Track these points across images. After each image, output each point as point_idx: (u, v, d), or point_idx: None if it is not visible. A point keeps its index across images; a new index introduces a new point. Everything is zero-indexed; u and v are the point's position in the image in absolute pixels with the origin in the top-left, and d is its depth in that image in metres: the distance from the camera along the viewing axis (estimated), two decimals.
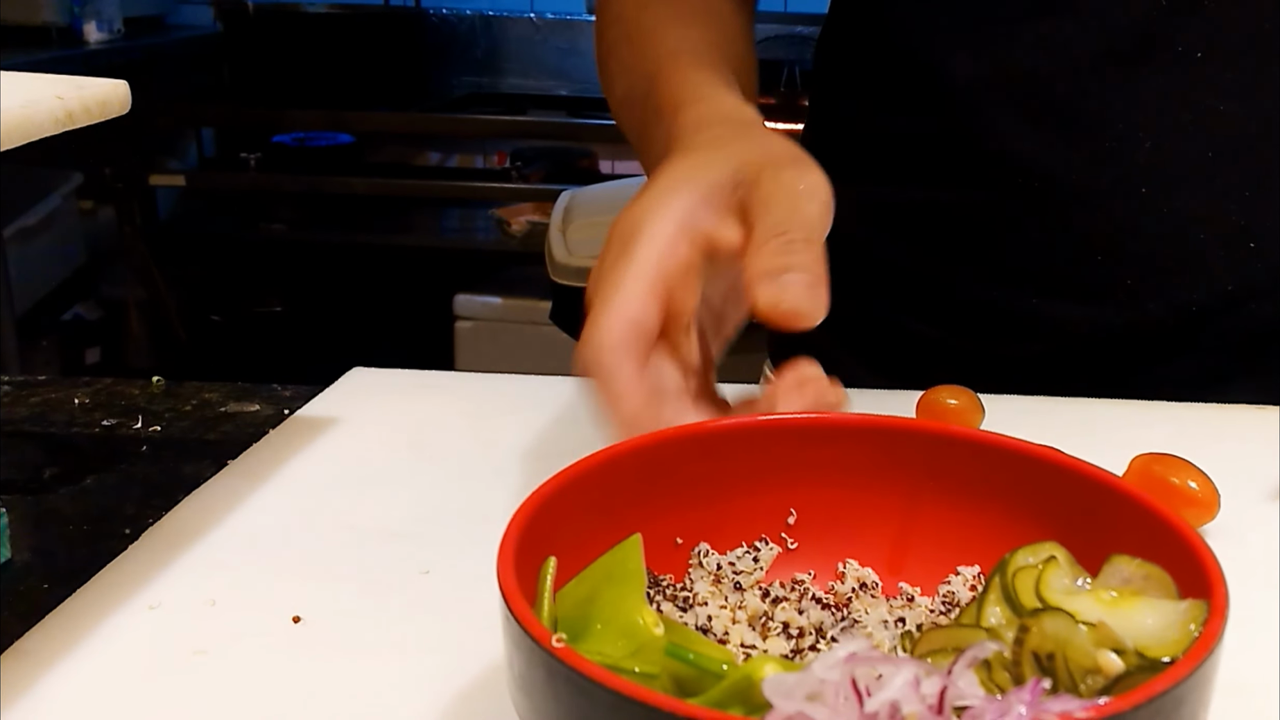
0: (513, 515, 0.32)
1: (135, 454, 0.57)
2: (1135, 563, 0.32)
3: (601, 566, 0.33)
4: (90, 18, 2.42)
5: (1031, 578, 0.32)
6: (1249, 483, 0.52)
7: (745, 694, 0.26)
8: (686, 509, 0.39)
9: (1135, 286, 0.57)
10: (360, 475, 0.53)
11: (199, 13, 2.85)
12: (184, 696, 0.37)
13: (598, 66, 0.73)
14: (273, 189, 2.61)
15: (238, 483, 0.52)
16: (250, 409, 0.62)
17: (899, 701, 0.25)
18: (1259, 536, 0.47)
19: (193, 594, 0.43)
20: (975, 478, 0.38)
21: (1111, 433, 0.57)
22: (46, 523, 0.50)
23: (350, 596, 0.43)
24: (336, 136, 2.65)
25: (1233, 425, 0.58)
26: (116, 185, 2.48)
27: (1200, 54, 0.61)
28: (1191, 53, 0.61)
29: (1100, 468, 0.36)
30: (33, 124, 0.40)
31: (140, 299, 2.57)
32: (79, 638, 0.40)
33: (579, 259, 1.62)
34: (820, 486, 0.39)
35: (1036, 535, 0.34)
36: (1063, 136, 0.64)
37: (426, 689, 0.37)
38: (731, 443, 0.39)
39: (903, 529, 0.39)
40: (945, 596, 0.38)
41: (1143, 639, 0.29)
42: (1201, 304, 0.61)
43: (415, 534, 0.47)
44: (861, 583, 0.39)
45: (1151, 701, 0.25)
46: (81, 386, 0.65)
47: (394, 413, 0.59)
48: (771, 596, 0.38)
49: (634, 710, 0.25)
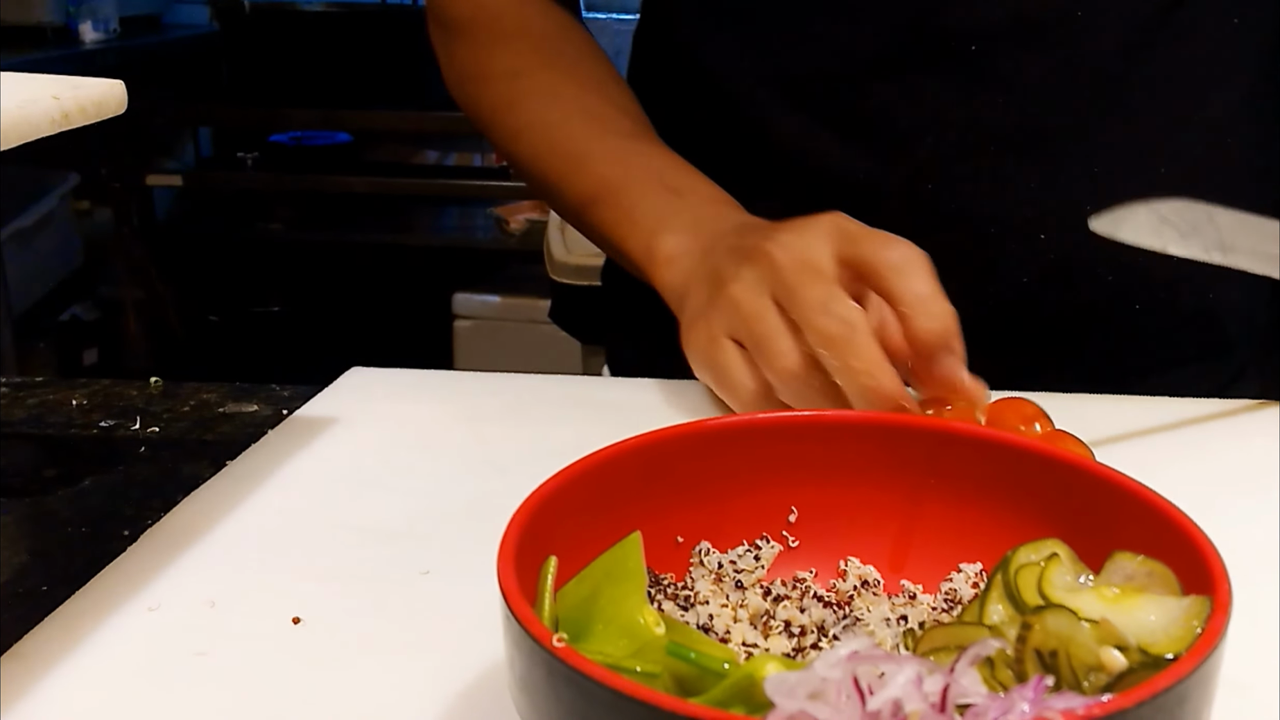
0: (513, 515, 0.32)
1: (134, 455, 0.56)
2: (1138, 559, 0.32)
3: (601, 565, 0.33)
4: (86, 17, 2.42)
5: (1034, 575, 0.32)
6: (1250, 480, 0.52)
7: (747, 693, 0.26)
8: (687, 507, 0.39)
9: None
10: (360, 475, 0.53)
11: (195, 12, 2.85)
12: (184, 697, 0.37)
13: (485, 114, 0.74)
14: (270, 188, 2.61)
15: (237, 483, 0.52)
16: (249, 409, 0.62)
17: (901, 700, 0.25)
18: (1262, 533, 0.47)
19: (192, 595, 0.43)
20: (977, 475, 0.38)
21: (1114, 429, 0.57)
22: (45, 524, 0.50)
23: (350, 597, 0.43)
24: (334, 135, 2.65)
25: (1233, 424, 0.58)
26: (113, 185, 2.48)
27: (973, 47, 0.61)
28: (964, 48, 0.62)
29: (1103, 464, 0.36)
30: (29, 124, 0.40)
31: (138, 299, 2.56)
32: (79, 639, 0.40)
33: (578, 257, 1.62)
34: (821, 484, 0.39)
35: (1039, 532, 0.34)
36: (849, 138, 0.65)
37: (426, 689, 0.37)
38: (732, 441, 0.39)
39: (904, 526, 0.39)
40: (947, 594, 0.38)
41: (1145, 636, 0.29)
42: (999, 298, 0.61)
43: (415, 534, 0.47)
44: (863, 580, 0.39)
45: (1155, 698, 0.25)
46: (79, 387, 0.65)
47: (394, 413, 0.59)
48: (773, 595, 0.38)
49: (635, 710, 0.25)
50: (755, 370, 0.54)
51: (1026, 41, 0.61)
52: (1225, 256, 0.56)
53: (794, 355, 0.53)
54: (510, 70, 0.72)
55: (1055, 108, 0.62)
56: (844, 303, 0.52)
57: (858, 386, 0.51)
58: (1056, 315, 0.65)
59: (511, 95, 0.71)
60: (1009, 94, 0.62)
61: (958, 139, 0.63)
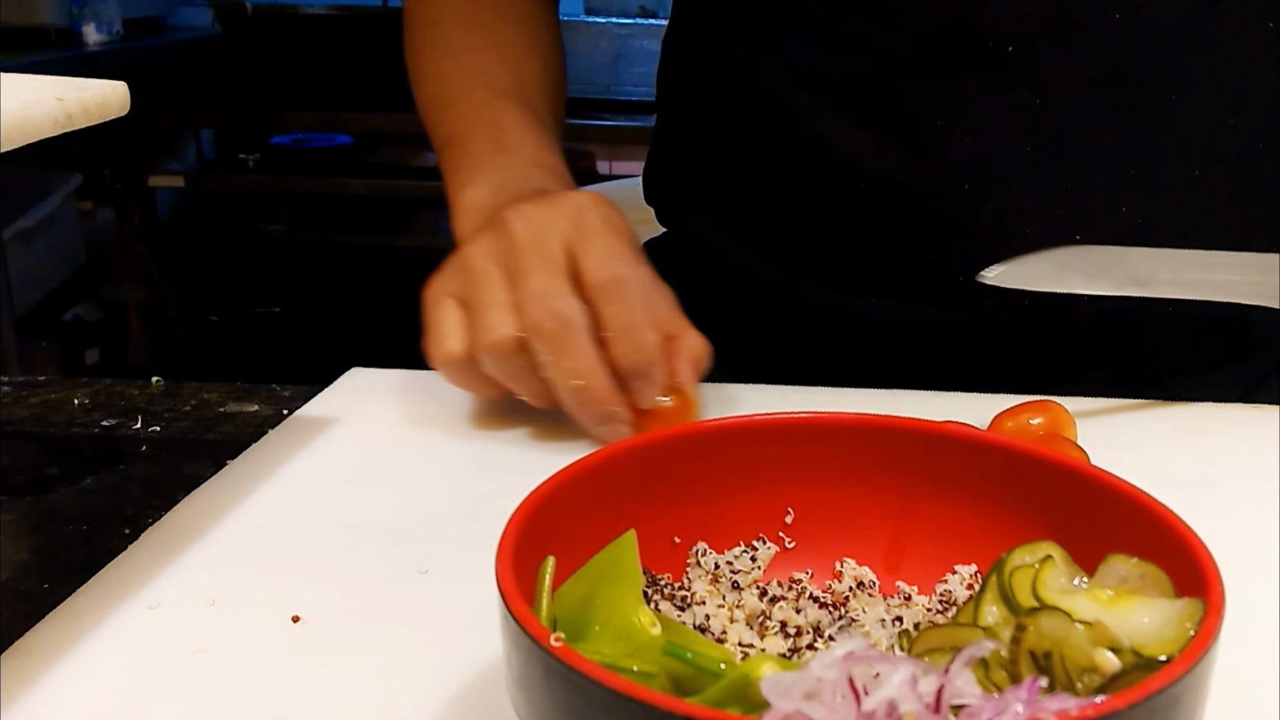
0: (511, 515, 0.33)
1: (135, 454, 0.57)
2: (1132, 562, 0.32)
3: (597, 565, 0.33)
4: (89, 19, 2.42)
5: (1028, 577, 0.32)
6: (1247, 482, 0.52)
7: (743, 693, 0.26)
8: (684, 508, 0.39)
9: (969, 284, 0.58)
10: (360, 475, 0.53)
11: (198, 14, 2.85)
12: (184, 696, 0.37)
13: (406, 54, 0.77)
14: (271, 190, 2.61)
15: (237, 483, 0.52)
16: (250, 409, 0.62)
17: (896, 700, 0.25)
18: (1256, 534, 0.47)
19: (193, 594, 0.43)
20: (972, 477, 0.38)
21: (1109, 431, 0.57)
22: (47, 522, 0.50)
23: (350, 596, 0.43)
24: (335, 138, 2.65)
25: (1232, 425, 0.59)
26: (116, 186, 2.48)
27: (1010, 48, 0.61)
28: (1001, 48, 0.61)
29: (1098, 467, 0.36)
30: (32, 125, 0.40)
31: (139, 300, 2.56)
32: (79, 637, 0.40)
33: None
34: (817, 485, 0.40)
35: (1033, 534, 0.34)
36: (884, 137, 0.65)
37: (425, 688, 0.37)
38: (729, 442, 0.39)
39: (900, 528, 0.39)
40: (942, 595, 0.38)
41: (1139, 637, 0.29)
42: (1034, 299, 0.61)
43: (414, 534, 0.47)
44: (859, 581, 0.39)
45: (1148, 700, 0.25)
46: (81, 387, 0.65)
47: (393, 413, 0.59)
48: (769, 595, 0.38)
49: (632, 709, 0.25)
50: (467, 336, 0.55)
51: (1063, 42, 0.61)
52: (1143, 288, 0.56)
53: (503, 331, 0.53)
54: (431, 19, 0.75)
55: (1091, 109, 0.62)
56: (564, 299, 0.53)
57: (565, 386, 0.53)
58: (1087, 318, 0.65)
59: (424, 42, 0.74)
60: (1045, 95, 0.62)
61: (993, 139, 0.63)
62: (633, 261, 0.55)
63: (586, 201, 0.56)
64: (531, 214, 0.55)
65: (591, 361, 0.53)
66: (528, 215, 0.55)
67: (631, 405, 0.54)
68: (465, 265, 0.56)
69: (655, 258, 0.81)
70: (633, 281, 0.54)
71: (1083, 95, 0.61)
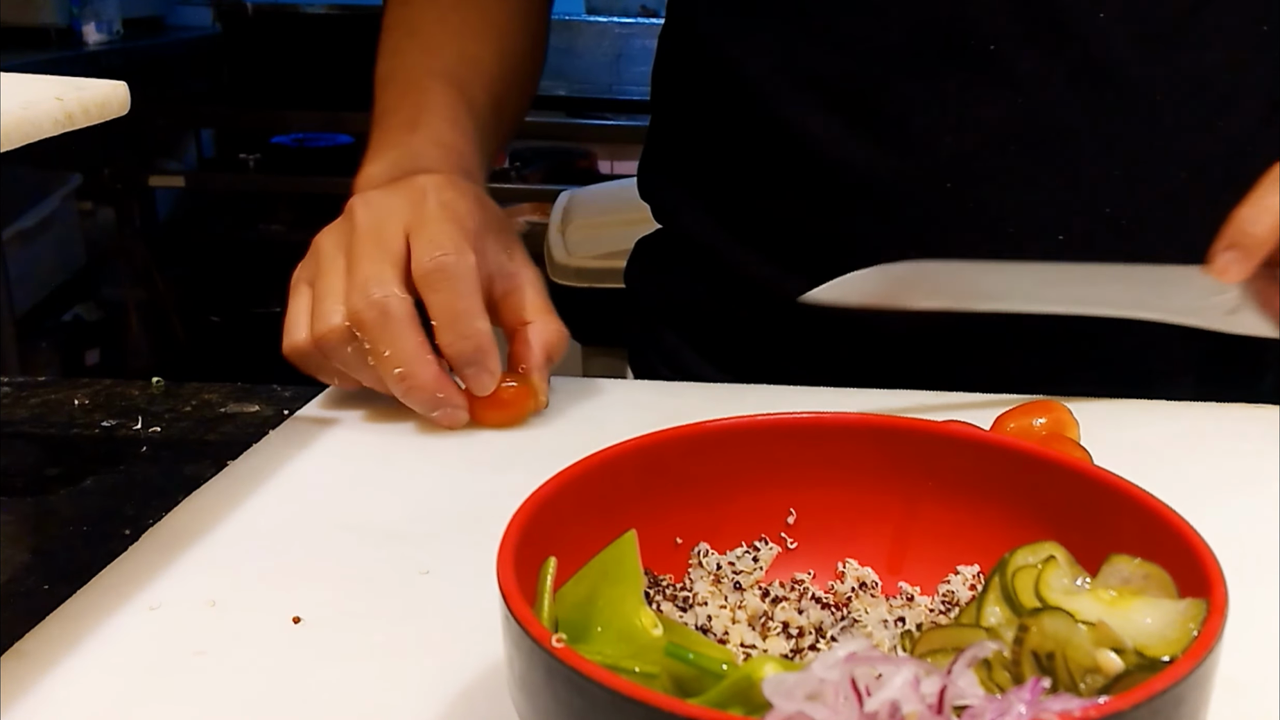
0: (512, 516, 0.32)
1: (135, 455, 0.57)
2: (1135, 562, 0.32)
3: (598, 566, 0.33)
4: (89, 19, 2.42)
5: (1031, 577, 0.32)
6: (1249, 482, 0.52)
7: (745, 694, 0.26)
8: (686, 509, 0.39)
9: None
10: (360, 475, 0.53)
11: (198, 14, 2.85)
12: (184, 698, 0.37)
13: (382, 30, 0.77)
14: (272, 190, 2.61)
15: (238, 483, 0.52)
16: (250, 409, 0.62)
17: (899, 701, 0.25)
18: (1258, 535, 0.47)
19: (193, 594, 0.43)
20: (975, 477, 0.38)
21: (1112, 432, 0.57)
22: (47, 523, 0.50)
23: (350, 597, 0.43)
24: (335, 137, 2.65)
25: (1233, 425, 0.59)
26: (116, 186, 2.48)
27: (993, 47, 0.61)
28: (984, 48, 0.62)
29: (1100, 467, 0.36)
30: (32, 125, 0.40)
31: (140, 300, 2.57)
32: (79, 638, 0.40)
33: (578, 259, 1.62)
34: (820, 486, 0.39)
35: (1036, 535, 0.34)
36: (869, 135, 0.65)
37: (426, 689, 0.37)
38: (731, 442, 0.39)
39: (902, 528, 0.39)
40: (945, 596, 0.38)
41: (1142, 638, 0.29)
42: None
43: (415, 534, 0.47)
44: (861, 582, 0.39)
45: (1151, 700, 0.25)
46: (81, 387, 0.65)
47: (394, 413, 0.59)
48: (771, 596, 0.38)
49: (634, 710, 0.25)
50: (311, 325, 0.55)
51: (1048, 41, 0.61)
52: (981, 304, 0.56)
53: (334, 320, 0.54)
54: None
55: (1077, 108, 0.62)
56: (386, 286, 0.53)
57: (388, 373, 0.53)
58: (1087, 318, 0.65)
59: (391, 20, 0.75)
60: (1029, 94, 0.62)
61: (977, 138, 0.63)
62: (462, 248, 0.54)
63: (431, 185, 0.57)
64: (375, 200, 0.56)
65: (411, 349, 0.53)
66: (371, 201, 0.56)
67: (467, 393, 0.55)
68: (315, 251, 0.56)
69: (651, 254, 0.81)
70: (459, 269, 0.54)
71: (1067, 95, 0.62)
